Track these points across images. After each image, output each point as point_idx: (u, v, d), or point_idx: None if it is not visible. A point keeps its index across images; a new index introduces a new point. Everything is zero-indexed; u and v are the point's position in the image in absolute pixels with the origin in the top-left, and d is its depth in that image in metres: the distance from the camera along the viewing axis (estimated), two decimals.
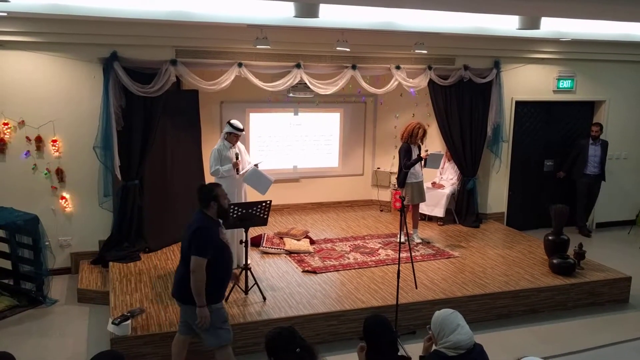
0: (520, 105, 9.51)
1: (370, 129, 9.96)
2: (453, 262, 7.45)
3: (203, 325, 4.53)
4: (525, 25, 7.09)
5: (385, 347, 3.51)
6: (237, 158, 6.75)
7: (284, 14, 6.52)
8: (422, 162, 7.82)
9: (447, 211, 9.19)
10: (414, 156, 7.81)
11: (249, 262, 6.26)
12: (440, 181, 9.41)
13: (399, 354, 3.63)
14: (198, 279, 4.41)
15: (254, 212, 6.09)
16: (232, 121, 6.78)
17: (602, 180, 9.61)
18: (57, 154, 7.22)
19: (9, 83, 6.95)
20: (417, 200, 8.01)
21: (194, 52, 7.50)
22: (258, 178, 6.71)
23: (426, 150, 7.90)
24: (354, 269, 7.05)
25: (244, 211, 6.03)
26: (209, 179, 7.91)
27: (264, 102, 8.99)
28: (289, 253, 7.54)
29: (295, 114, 9.41)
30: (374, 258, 7.44)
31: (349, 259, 7.39)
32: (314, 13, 6.23)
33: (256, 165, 6.82)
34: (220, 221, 4.74)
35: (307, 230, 8.19)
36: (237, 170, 6.72)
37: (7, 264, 6.66)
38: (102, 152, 7.09)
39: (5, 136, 6.99)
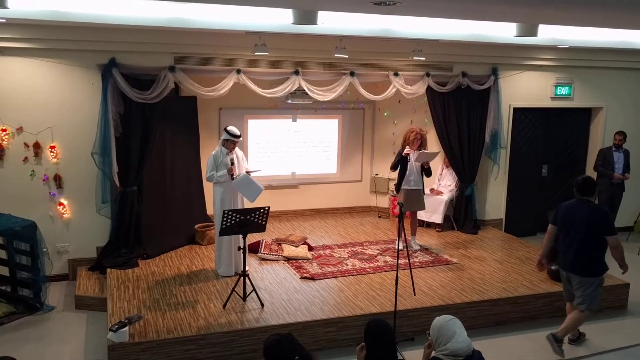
0: (518, 112, 9.53)
1: (368, 135, 9.98)
2: (451, 268, 7.44)
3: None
4: (522, 33, 7.13)
5: (384, 351, 3.50)
6: (232, 164, 6.75)
7: (283, 21, 6.54)
8: (409, 158, 7.71)
9: (446, 218, 9.19)
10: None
11: (246, 268, 6.25)
12: (439, 188, 9.42)
13: (399, 359, 3.62)
14: (621, 251, 5.61)
15: (252, 218, 6.09)
16: (229, 128, 6.80)
17: (623, 190, 9.43)
18: (55, 160, 7.21)
19: (8, 89, 6.96)
20: (409, 207, 7.83)
21: (192, 59, 7.52)
22: (248, 185, 6.69)
23: (408, 147, 7.71)
24: (353, 275, 7.04)
25: (242, 217, 6.03)
26: (207, 185, 7.93)
27: (262, 109, 9.00)
28: (287, 259, 7.53)
29: (294, 120, 9.42)
30: (372, 264, 7.43)
31: (347, 265, 7.39)
32: (312, 20, 6.25)
33: (249, 172, 6.83)
34: None
35: (306, 237, 8.17)
36: (232, 176, 6.72)
37: (4, 271, 6.64)
38: (101, 159, 7.09)
39: (4, 142, 6.99)
